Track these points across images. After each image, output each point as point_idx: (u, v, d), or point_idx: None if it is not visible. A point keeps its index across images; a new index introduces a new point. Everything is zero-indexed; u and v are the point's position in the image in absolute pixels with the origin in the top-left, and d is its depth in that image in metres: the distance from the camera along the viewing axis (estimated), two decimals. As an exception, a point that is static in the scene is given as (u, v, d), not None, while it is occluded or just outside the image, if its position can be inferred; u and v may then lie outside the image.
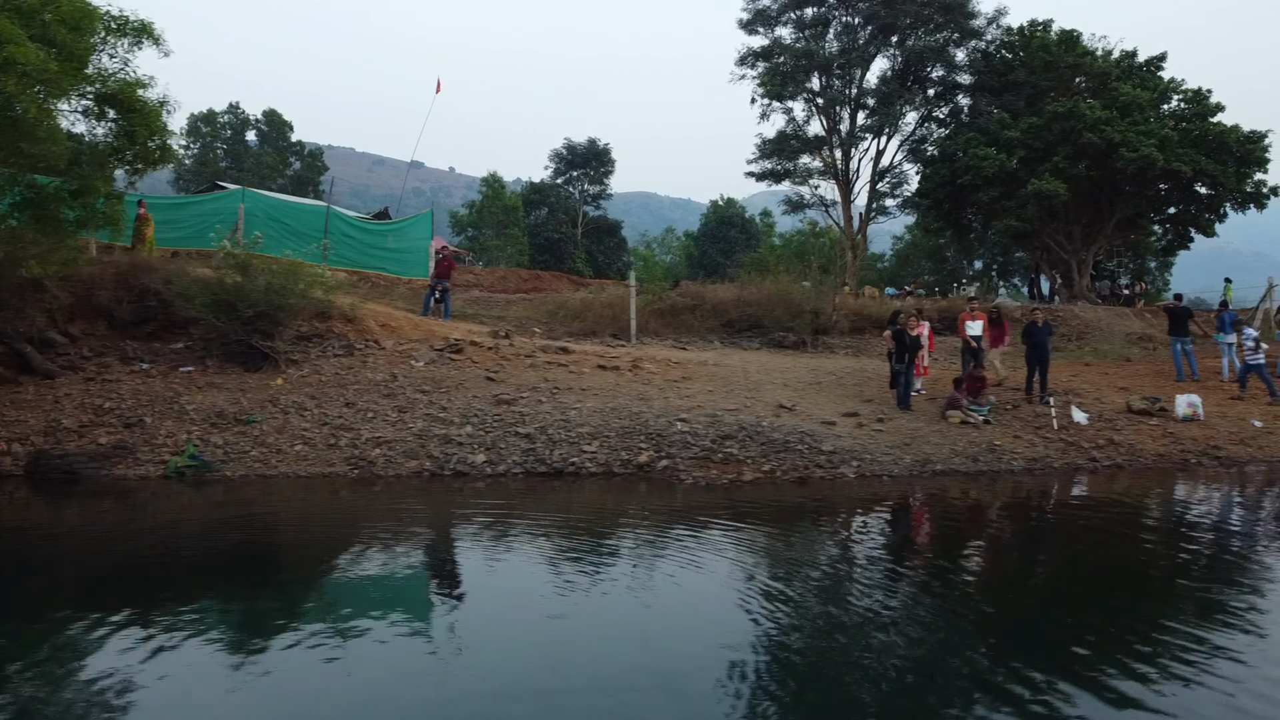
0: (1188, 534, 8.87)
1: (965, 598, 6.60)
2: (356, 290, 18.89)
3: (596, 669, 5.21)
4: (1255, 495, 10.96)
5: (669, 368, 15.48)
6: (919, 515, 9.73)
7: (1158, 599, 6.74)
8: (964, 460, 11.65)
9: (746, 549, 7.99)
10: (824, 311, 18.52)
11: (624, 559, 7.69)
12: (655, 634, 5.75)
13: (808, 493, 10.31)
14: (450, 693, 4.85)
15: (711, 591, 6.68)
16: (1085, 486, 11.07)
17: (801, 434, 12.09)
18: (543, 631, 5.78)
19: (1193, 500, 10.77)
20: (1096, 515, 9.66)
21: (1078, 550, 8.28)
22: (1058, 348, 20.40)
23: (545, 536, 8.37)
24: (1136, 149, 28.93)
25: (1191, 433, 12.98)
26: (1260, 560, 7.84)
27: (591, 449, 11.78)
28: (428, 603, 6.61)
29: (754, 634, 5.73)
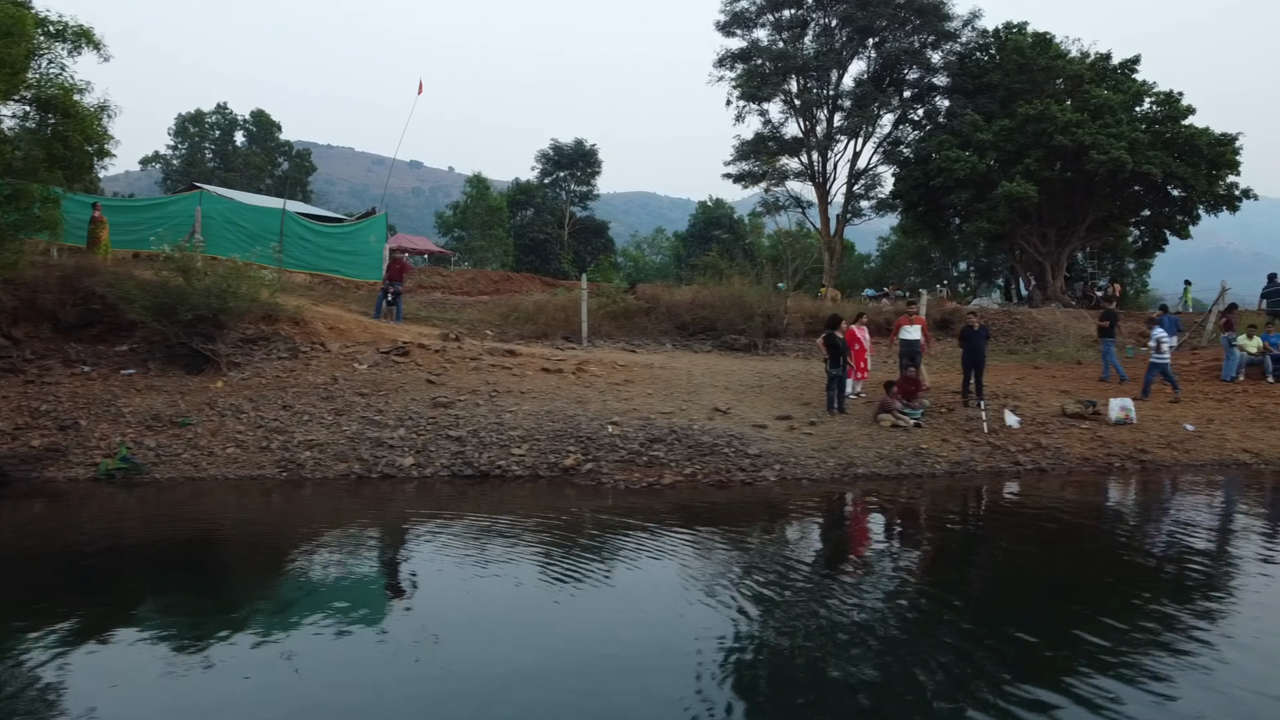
0: (1080, 535, 8.99)
1: (842, 601, 6.71)
2: (314, 293, 19.05)
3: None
4: (1164, 497, 11.08)
5: (614, 370, 15.59)
6: (822, 519, 9.80)
7: (1039, 598, 6.85)
8: (887, 463, 11.77)
9: (622, 553, 8.09)
10: (775, 314, 18.64)
11: (492, 564, 7.79)
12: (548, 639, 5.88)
13: (723, 496, 10.43)
14: (413, 689, 5.03)
15: (578, 597, 6.80)
16: (999, 489, 11.20)
17: (730, 437, 12.22)
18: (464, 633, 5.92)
19: (1099, 502, 10.89)
20: (996, 517, 9.79)
21: (961, 551, 8.40)
22: (1013, 350, 20.58)
23: (436, 540, 8.49)
24: (1106, 152, 29.03)
25: (1121, 436, 13.09)
26: (1132, 560, 7.96)
27: (520, 452, 11.90)
28: (362, 606, 6.64)
29: (603, 649, 5.85)
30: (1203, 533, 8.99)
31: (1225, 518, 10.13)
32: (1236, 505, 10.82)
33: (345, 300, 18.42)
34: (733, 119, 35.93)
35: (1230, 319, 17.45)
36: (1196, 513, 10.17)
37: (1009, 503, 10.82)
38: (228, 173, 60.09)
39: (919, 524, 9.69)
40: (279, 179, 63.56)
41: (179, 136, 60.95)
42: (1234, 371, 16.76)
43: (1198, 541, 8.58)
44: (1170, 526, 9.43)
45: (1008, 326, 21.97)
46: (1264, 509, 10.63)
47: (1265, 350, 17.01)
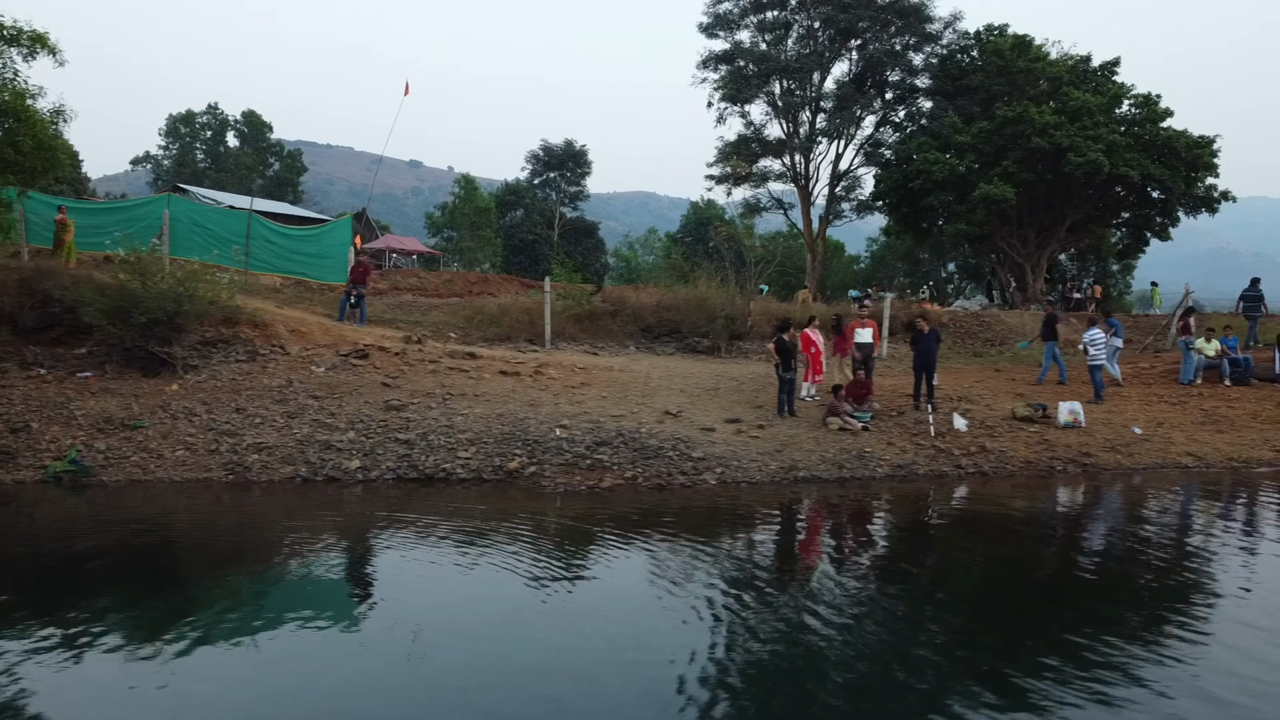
0: (1001, 537, 9.09)
1: (759, 607, 6.82)
2: (281, 295, 19.16)
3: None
4: (1091, 500, 11.17)
5: (572, 373, 15.69)
6: (749, 523, 9.78)
7: (948, 597, 6.94)
8: (829, 467, 11.86)
9: (529, 558, 8.20)
10: (739, 317, 18.73)
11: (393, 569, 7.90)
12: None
13: (659, 499, 10.53)
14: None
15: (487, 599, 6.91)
16: (935, 492, 11.28)
17: (676, 441, 12.31)
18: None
19: (1031, 505, 10.96)
20: (922, 519, 9.89)
21: (876, 553, 8.50)
22: (979, 353, 20.66)
23: (366, 545, 8.59)
24: (1084, 154, 29.11)
25: (1068, 440, 13.18)
26: (1039, 563, 8.05)
27: (466, 455, 12.01)
28: (292, 615, 6.68)
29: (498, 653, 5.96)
30: (1117, 534, 9.09)
31: (1143, 519, 10.22)
32: (1161, 507, 10.91)
33: (312, 303, 18.52)
34: (714, 121, 35.96)
35: (1188, 323, 17.52)
36: (1117, 515, 10.29)
37: (939, 506, 10.90)
38: (218, 173, 60.23)
39: (844, 527, 9.79)
40: (270, 179, 63.73)
41: (170, 137, 61.02)
42: (1191, 375, 16.84)
43: (1107, 541, 8.68)
44: (1084, 528, 9.54)
45: (975, 329, 22.06)
46: (1184, 509, 10.73)
47: (1223, 354, 17.10)
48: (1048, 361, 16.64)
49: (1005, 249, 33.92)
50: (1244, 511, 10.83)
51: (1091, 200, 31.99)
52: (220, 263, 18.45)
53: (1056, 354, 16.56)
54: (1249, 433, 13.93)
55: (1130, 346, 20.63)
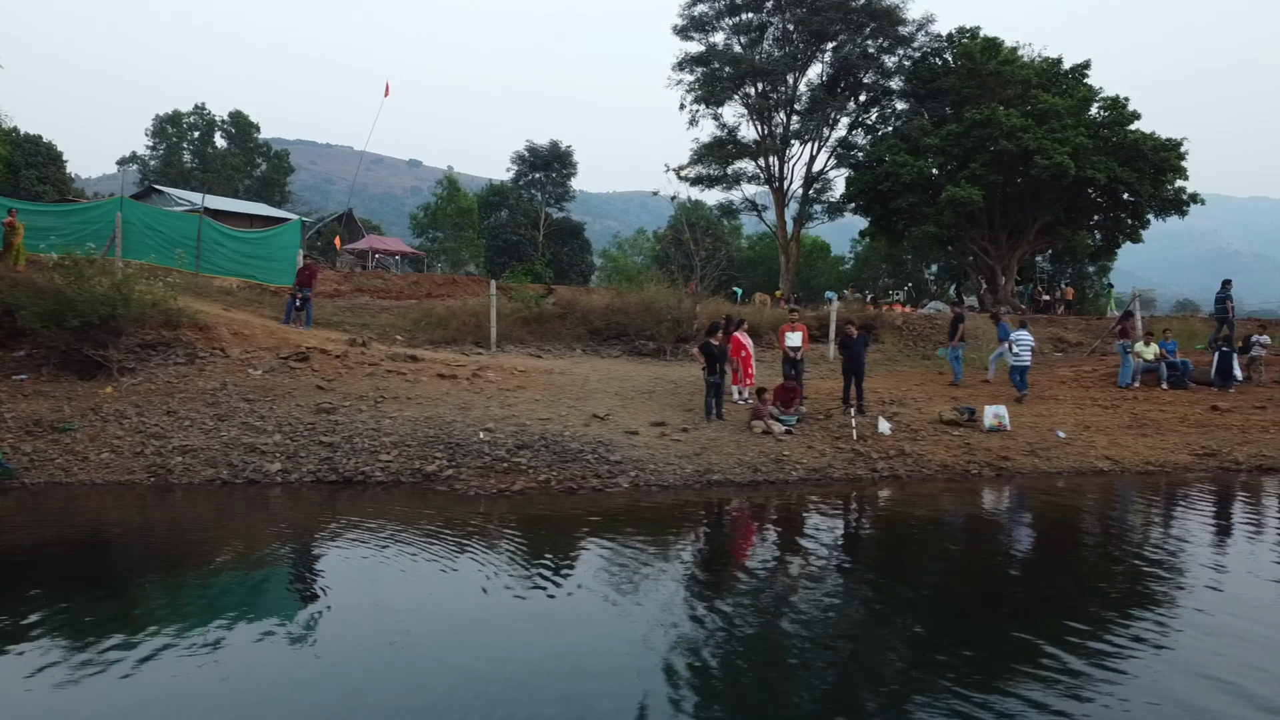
0: (890, 540, 9.23)
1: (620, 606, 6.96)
2: (233, 297, 19.31)
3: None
4: (994, 504, 11.29)
5: (510, 376, 15.83)
6: (641, 526, 9.68)
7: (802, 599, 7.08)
8: (744, 471, 11.99)
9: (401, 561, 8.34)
10: (685, 320, 18.86)
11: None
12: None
13: (566, 502, 10.66)
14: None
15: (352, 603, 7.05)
16: (841, 495, 11.36)
17: (598, 444, 12.45)
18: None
19: (929, 508, 11.05)
20: (811, 522, 10.03)
21: (758, 555, 8.63)
22: (927, 356, 20.78)
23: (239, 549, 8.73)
24: (1050, 157, 29.26)
25: (989, 443, 13.31)
26: (903, 567, 8.18)
27: (388, 458, 12.14)
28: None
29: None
30: (1000, 537, 9.22)
31: (1034, 523, 10.34)
32: (1057, 510, 11.00)
33: (262, 305, 18.68)
34: (686, 123, 36.11)
35: (1125, 326, 17.65)
36: (1010, 518, 10.43)
37: (836, 508, 10.94)
38: (205, 173, 60.40)
39: (731, 530, 9.89)
40: (257, 180, 63.92)
41: (157, 137, 61.18)
42: (1129, 378, 16.97)
43: (983, 543, 8.81)
44: (968, 531, 9.67)
45: (928, 331, 22.18)
46: (1077, 512, 10.85)
47: (1161, 357, 17.22)
48: (956, 363, 16.90)
49: (976, 251, 34.05)
50: (1132, 513, 10.92)
51: (1060, 203, 32.11)
52: (173, 265, 18.63)
53: (958, 356, 16.82)
54: (1173, 436, 14.06)
55: (1080, 349, 20.77)
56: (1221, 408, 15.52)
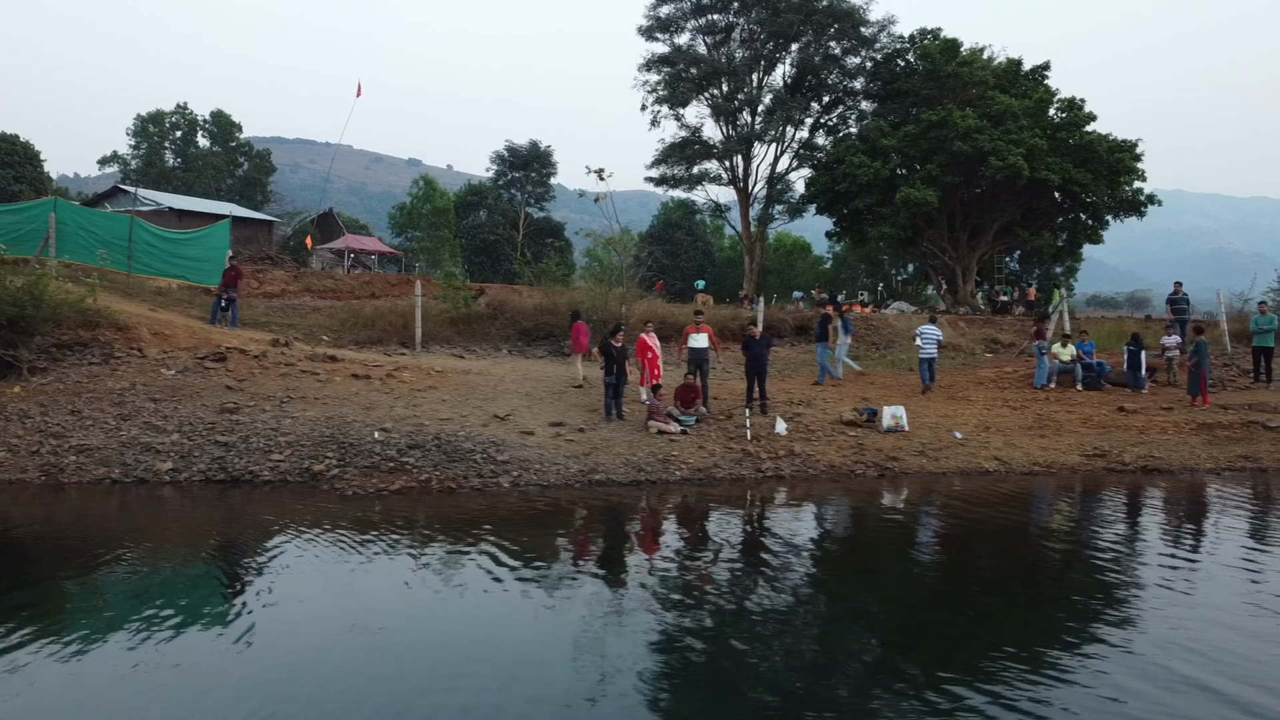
0: (713, 542, 9.38)
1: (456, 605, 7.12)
2: (165, 298, 19.48)
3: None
4: (860, 503, 11.33)
5: (426, 376, 15.99)
6: (499, 526, 9.67)
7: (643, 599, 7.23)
8: (629, 470, 12.13)
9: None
10: (611, 320, 18.93)
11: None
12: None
13: (441, 502, 10.82)
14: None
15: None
16: (712, 495, 11.40)
17: (490, 444, 12.60)
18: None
19: (785, 509, 11.16)
20: (661, 522, 10.19)
21: (598, 554, 8.78)
22: (857, 356, 20.90)
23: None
24: (1003, 158, 29.36)
25: (883, 444, 13.44)
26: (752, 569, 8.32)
27: (279, 458, 12.29)
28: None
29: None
30: (837, 536, 9.37)
31: (883, 521, 10.45)
32: (915, 510, 11.11)
33: (192, 305, 18.85)
34: (648, 124, 36.22)
35: (1041, 328, 17.78)
36: (847, 515, 10.57)
37: (696, 508, 10.98)
38: (186, 173, 60.59)
39: (588, 530, 9.96)
40: (239, 179, 64.11)
41: (139, 137, 61.35)
42: (1045, 379, 17.10)
43: (820, 544, 8.95)
44: (814, 530, 9.81)
45: (864, 332, 22.29)
46: (922, 514, 10.94)
47: (1078, 358, 17.35)
48: (827, 362, 17.11)
49: (936, 252, 34.16)
50: (983, 513, 10.96)
51: (1017, 204, 32.21)
52: (105, 265, 18.83)
53: (826, 355, 17.02)
54: (1070, 437, 14.19)
55: (1012, 350, 20.90)
56: (1128, 409, 15.65)
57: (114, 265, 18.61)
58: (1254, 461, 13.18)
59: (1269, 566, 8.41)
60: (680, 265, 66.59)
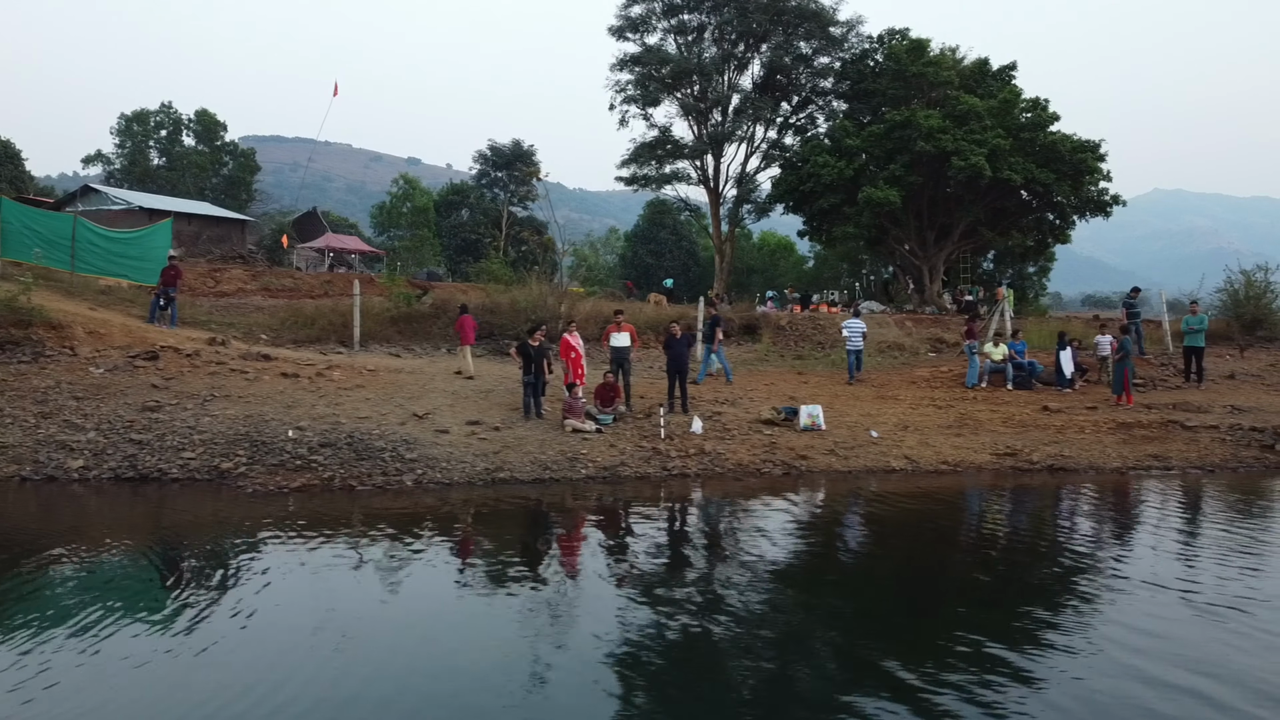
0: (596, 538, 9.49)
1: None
2: (108, 296, 19.60)
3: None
4: (748, 502, 11.33)
5: (357, 375, 16.11)
6: (370, 525, 9.76)
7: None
8: (535, 469, 12.24)
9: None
10: (549, 320, 19.08)
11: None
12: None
13: (337, 500, 10.91)
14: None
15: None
16: (608, 494, 11.44)
17: (402, 442, 12.72)
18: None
19: (671, 508, 11.21)
20: (541, 521, 10.31)
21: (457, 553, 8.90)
22: (800, 356, 21.01)
23: None
24: (966, 158, 29.40)
25: (795, 442, 13.54)
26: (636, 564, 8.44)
27: (190, 455, 12.41)
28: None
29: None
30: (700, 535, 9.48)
31: (753, 521, 10.51)
32: (793, 507, 11.16)
33: (134, 304, 18.97)
34: (617, 123, 36.30)
35: (972, 328, 17.86)
36: (736, 516, 10.66)
37: (586, 506, 11.00)
38: (170, 172, 60.73)
39: (453, 527, 9.96)
40: (224, 179, 64.25)
41: (123, 135, 61.49)
42: (975, 378, 17.19)
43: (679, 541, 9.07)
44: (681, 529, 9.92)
45: (809, 331, 22.40)
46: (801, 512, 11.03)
47: (1010, 358, 17.44)
48: (708, 362, 17.25)
49: (901, 251, 34.23)
50: (859, 510, 11.07)
51: (981, 204, 32.25)
52: (50, 264, 18.96)
53: (711, 356, 17.13)
54: (987, 436, 14.28)
55: (956, 349, 20.96)
56: (1052, 408, 15.75)
57: (58, 264, 18.73)
58: (1163, 461, 13.27)
59: (1102, 558, 8.52)
60: (664, 264, 66.76)
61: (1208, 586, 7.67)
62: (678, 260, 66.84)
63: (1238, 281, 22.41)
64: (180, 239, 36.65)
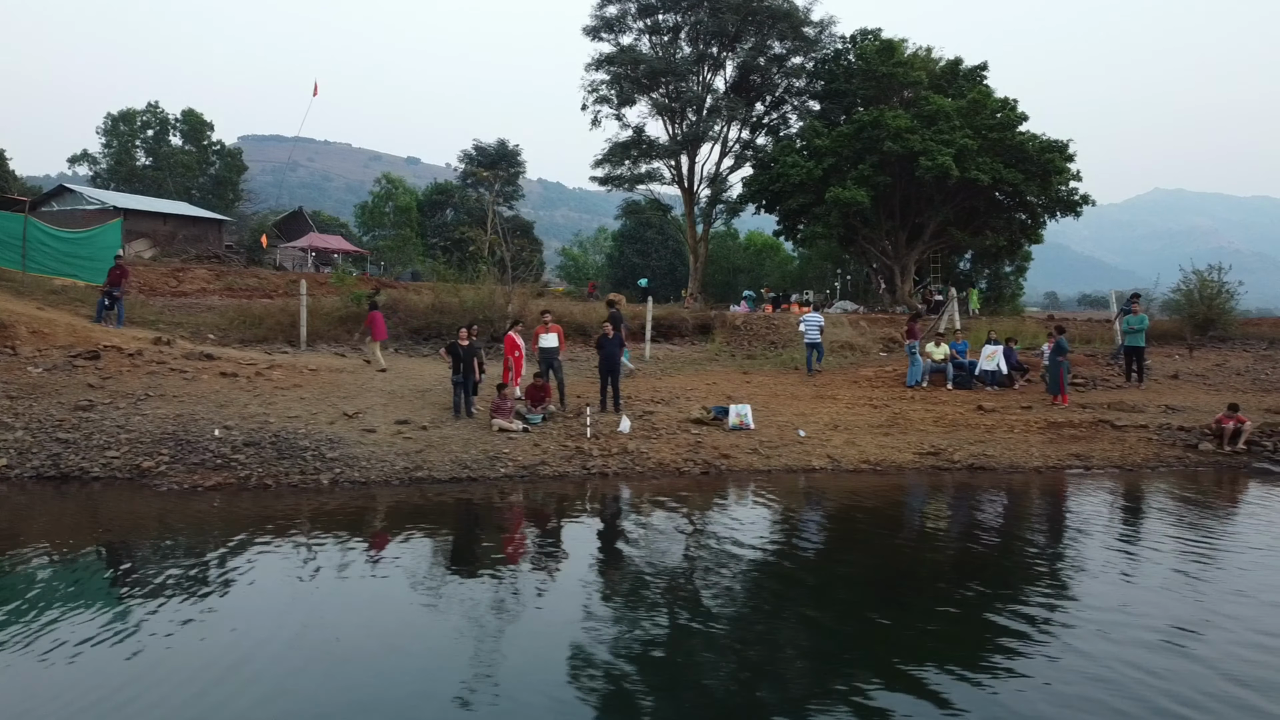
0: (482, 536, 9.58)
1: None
2: (60, 296, 19.69)
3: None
4: (636, 502, 11.41)
5: (298, 375, 16.19)
6: (266, 525, 9.84)
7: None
8: (454, 467, 12.32)
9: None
10: (497, 319, 19.18)
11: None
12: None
13: (237, 499, 10.98)
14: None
15: None
16: (519, 492, 11.54)
17: (326, 442, 12.81)
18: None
19: (572, 506, 11.30)
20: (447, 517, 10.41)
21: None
22: (751, 355, 21.09)
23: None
24: (933, 159, 29.48)
25: (720, 441, 13.62)
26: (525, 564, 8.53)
27: (114, 454, 12.50)
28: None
29: None
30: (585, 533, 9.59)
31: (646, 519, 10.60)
32: (697, 505, 11.25)
33: (85, 304, 19.07)
34: (589, 124, 36.36)
35: (914, 327, 17.92)
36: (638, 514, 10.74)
37: (490, 505, 11.08)
38: (156, 172, 60.87)
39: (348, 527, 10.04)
40: (211, 178, 64.39)
41: (109, 135, 61.62)
42: (917, 378, 17.25)
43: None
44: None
45: (764, 331, 22.46)
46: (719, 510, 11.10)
47: (950, 358, 17.50)
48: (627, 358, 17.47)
49: (872, 251, 34.30)
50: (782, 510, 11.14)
51: (950, 204, 32.32)
52: (2, 265, 19.07)
53: (625, 354, 17.26)
54: (914, 436, 14.35)
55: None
56: (987, 408, 15.82)
57: (9, 264, 18.83)
58: (1084, 460, 13.34)
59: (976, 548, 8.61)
60: (651, 264, 66.83)
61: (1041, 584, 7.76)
62: (664, 260, 66.94)
63: (1191, 281, 22.43)
64: (155, 238, 36.83)
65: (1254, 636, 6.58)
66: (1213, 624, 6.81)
